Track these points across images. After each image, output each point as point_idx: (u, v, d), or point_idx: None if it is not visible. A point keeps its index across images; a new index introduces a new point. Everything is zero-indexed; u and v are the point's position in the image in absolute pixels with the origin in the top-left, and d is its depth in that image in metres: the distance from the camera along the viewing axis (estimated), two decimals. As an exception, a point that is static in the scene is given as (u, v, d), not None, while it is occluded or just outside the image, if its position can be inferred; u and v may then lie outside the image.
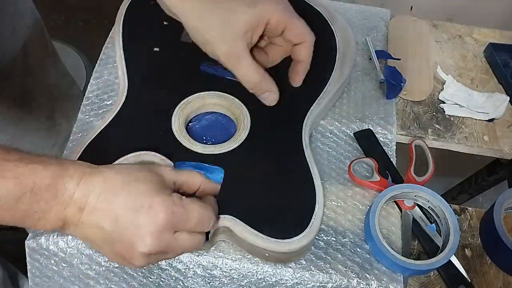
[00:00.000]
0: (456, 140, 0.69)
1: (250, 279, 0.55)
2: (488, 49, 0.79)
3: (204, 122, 0.63)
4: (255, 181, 0.56)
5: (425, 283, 0.59)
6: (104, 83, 0.69)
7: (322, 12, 0.73)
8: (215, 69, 0.65)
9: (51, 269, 0.57)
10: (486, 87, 0.76)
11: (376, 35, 0.79)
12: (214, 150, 0.57)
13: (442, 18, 0.90)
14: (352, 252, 0.56)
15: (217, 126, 0.63)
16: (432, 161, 0.64)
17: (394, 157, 0.65)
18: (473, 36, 0.83)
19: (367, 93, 0.71)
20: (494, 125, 0.71)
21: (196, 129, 0.62)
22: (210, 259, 0.55)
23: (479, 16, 1.03)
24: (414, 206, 0.60)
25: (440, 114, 0.72)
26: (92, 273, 0.57)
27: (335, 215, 0.59)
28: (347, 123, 0.67)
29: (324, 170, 0.62)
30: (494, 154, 0.70)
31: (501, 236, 0.58)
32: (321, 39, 0.70)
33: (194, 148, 0.57)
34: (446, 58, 0.80)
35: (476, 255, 0.62)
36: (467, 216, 0.65)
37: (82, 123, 0.65)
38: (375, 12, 0.83)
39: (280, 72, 0.66)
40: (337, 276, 0.54)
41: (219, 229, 0.53)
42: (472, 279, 0.59)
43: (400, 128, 0.69)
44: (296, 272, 0.55)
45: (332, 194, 0.61)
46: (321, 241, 0.57)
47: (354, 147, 0.65)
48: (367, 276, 0.55)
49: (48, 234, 0.56)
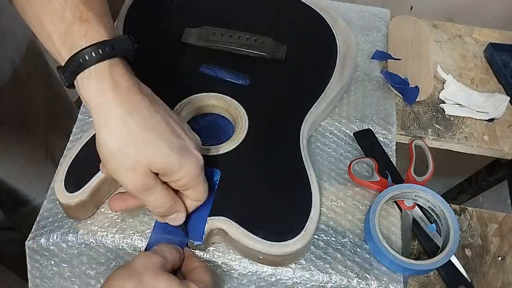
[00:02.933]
0: (456, 140, 0.69)
1: (250, 278, 0.55)
2: (488, 49, 0.79)
3: (202, 124, 0.63)
4: (251, 183, 0.56)
5: (425, 283, 0.59)
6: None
7: (323, 15, 0.73)
8: (214, 71, 0.65)
9: (51, 269, 0.57)
10: (486, 87, 0.76)
11: (376, 35, 0.79)
12: (210, 152, 0.57)
13: (442, 18, 0.90)
14: (352, 252, 0.56)
15: (215, 128, 0.63)
16: (432, 161, 0.64)
17: (394, 157, 0.65)
18: (473, 36, 0.83)
19: (367, 93, 0.71)
20: (494, 125, 0.71)
21: (194, 130, 0.62)
22: (210, 259, 0.55)
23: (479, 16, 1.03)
24: (414, 206, 0.60)
25: (440, 114, 0.72)
26: (93, 273, 0.57)
27: (335, 215, 0.59)
28: (347, 123, 0.67)
29: (324, 170, 0.62)
30: (494, 154, 0.70)
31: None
32: (321, 41, 0.71)
33: None
34: (446, 58, 0.80)
35: (476, 255, 0.62)
36: (467, 216, 0.65)
37: (82, 123, 0.65)
38: (375, 12, 0.83)
39: (280, 71, 0.67)
40: (337, 276, 0.54)
41: (213, 231, 0.53)
42: (472, 279, 0.59)
43: (400, 128, 0.69)
44: (296, 272, 0.55)
45: (332, 194, 0.61)
46: (321, 241, 0.57)
47: (354, 147, 0.65)
48: (367, 276, 0.55)
49: (48, 235, 0.56)
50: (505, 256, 0.62)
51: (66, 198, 0.53)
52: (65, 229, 0.56)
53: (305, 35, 0.71)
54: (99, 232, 0.55)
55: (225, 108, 0.62)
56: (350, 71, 0.68)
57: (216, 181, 0.55)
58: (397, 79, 0.72)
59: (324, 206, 0.59)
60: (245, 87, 0.64)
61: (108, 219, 0.56)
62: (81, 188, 0.53)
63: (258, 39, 0.69)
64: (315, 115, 0.62)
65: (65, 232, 0.56)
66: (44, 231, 0.56)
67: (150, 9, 0.73)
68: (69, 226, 0.56)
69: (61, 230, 0.56)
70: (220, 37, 0.69)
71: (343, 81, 0.66)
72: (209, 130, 0.62)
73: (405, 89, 0.71)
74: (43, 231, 0.56)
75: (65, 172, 0.55)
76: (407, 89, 0.71)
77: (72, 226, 0.56)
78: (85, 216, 0.56)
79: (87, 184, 0.54)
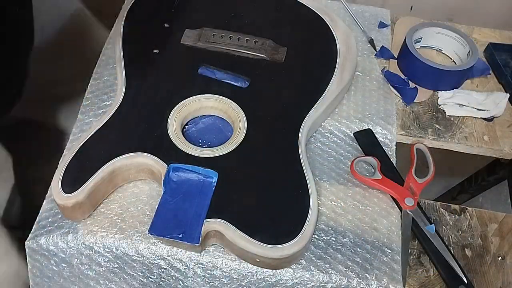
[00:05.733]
0: (456, 140, 0.69)
1: (250, 279, 0.55)
2: (488, 49, 0.79)
3: (201, 125, 0.63)
4: (249, 185, 0.56)
5: (425, 283, 0.59)
6: (104, 84, 0.69)
7: (323, 17, 0.73)
8: (213, 72, 0.65)
9: (51, 269, 0.57)
10: (486, 87, 0.76)
11: (376, 35, 0.79)
12: (209, 153, 0.57)
13: (442, 18, 0.90)
14: (352, 252, 0.56)
15: (213, 129, 0.63)
16: (433, 164, 0.64)
17: (394, 157, 0.65)
18: (473, 36, 0.83)
19: (367, 93, 0.71)
20: (494, 125, 0.71)
21: (192, 132, 0.62)
22: (210, 259, 0.55)
23: (479, 16, 1.03)
24: (414, 206, 0.60)
25: (440, 114, 0.72)
26: (92, 273, 0.57)
27: (335, 215, 0.59)
28: (347, 123, 0.67)
29: (324, 170, 0.62)
30: (494, 154, 0.70)
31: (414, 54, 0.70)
32: (321, 44, 0.70)
33: (189, 150, 0.57)
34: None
35: (476, 255, 0.62)
36: (467, 216, 0.65)
37: (82, 123, 0.65)
38: (375, 12, 0.83)
39: (279, 73, 0.66)
40: (337, 276, 0.54)
41: (210, 233, 0.53)
42: (472, 279, 0.59)
43: (400, 128, 0.69)
44: (296, 272, 0.55)
45: (332, 194, 0.61)
46: (321, 241, 0.57)
47: (354, 147, 0.65)
48: (367, 276, 0.55)
49: (48, 235, 0.56)
50: (505, 256, 0.62)
51: (62, 199, 0.53)
52: (65, 229, 0.56)
53: (305, 37, 0.71)
54: (99, 233, 0.55)
55: (224, 110, 0.62)
56: (350, 74, 0.68)
57: (214, 182, 0.55)
58: (398, 79, 0.72)
59: (324, 206, 0.59)
60: (244, 89, 0.64)
61: (108, 220, 0.56)
62: (78, 189, 0.53)
63: (257, 41, 0.69)
64: (314, 118, 0.62)
65: (65, 232, 0.56)
66: (44, 231, 0.56)
67: (150, 10, 0.73)
68: (69, 226, 0.56)
69: (61, 230, 0.56)
70: (219, 39, 0.69)
71: (342, 84, 0.66)
72: (207, 132, 0.62)
73: (404, 89, 0.71)
74: (43, 231, 0.56)
75: (62, 172, 0.55)
76: (406, 89, 0.71)
77: (72, 226, 0.56)
78: (82, 217, 0.56)
79: (84, 185, 0.53)
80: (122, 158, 0.56)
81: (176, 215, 0.53)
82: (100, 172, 0.54)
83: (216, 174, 0.55)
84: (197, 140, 0.62)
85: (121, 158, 0.56)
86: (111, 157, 0.55)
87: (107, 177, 0.55)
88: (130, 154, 0.56)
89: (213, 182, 0.55)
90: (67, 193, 0.53)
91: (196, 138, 0.62)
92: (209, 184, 0.55)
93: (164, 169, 0.55)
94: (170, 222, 0.52)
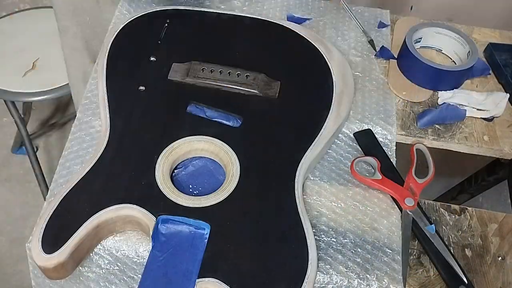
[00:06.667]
0: (456, 140, 0.69)
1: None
2: (488, 49, 0.79)
3: (191, 168, 0.59)
4: (243, 238, 0.52)
5: (425, 283, 0.59)
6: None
7: (317, 47, 0.69)
8: (203, 110, 0.61)
9: (52, 270, 0.57)
10: (486, 87, 0.76)
11: (376, 35, 0.79)
12: (200, 203, 0.54)
13: (442, 18, 0.90)
14: (353, 252, 0.56)
15: (204, 173, 0.59)
16: (433, 164, 0.64)
17: (394, 157, 0.65)
18: (473, 36, 0.83)
19: (367, 93, 0.71)
20: (494, 125, 0.71)
21: (182, 176, 0.59)
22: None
23: (479, 16, 1.03)
24: (414, 206, 0.60)
25: (440, 114, 0.72)
26: (93, 276, 0.57)
27: (335, 216, 0.59)
28: (347, 124, 0.67)
29: (324, 171, 0.62)
30: (494, 154, 0.70)
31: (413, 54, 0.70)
32: (316, 76, 0.66)
33: (179, 200, 0.53)
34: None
35: (476, 255, 0.62)
36: (467, 216, 0.65)
37: (81, 122, 0.65)
38: (375, 13, 0.83)
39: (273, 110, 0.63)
40: (337, 277, 0.54)
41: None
42: (472, 279, 0.59)
43: (400, 128, 0.69)
44: (297, 273, 0.54)
45: (332, 194, 0.61)
46: (322, 242, 0.57)
47: (354, 147, 0.65)
48: (368, 276, 0.55)
49: (49, 236, 0.55)
50: (505, 256, 0.62)
51: (43, 260, 0.49)
52: (65, 230, 0.56)
53: (299, 69, 0.68)
54: (100, 234, 0.55)
55: (215, 152, 0.59)
56: (347, 109, 0.64)
57: (206, 234, 0.52)
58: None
59: (324, 207, 0.59)
60: (236, 129, 0.61)
61: (108, 220, 0.56)
62: (60, 248, 0.50)
63: (249, 75, 0.65)
64: (311, 159, 0.59)
65: (66, 234, 0.55)
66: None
67: (134, 42, 0.68)
68: (70, 227, 0.56)
69: (61, 232, 0.56)
70: (209, 74, 0.65)
71: (340, 120, 0.63)
72: (198, 175, 0.59)
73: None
74: (43, 233, 0.56)
75: (42, 230, 0.51)
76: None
77: (73, 228, 0.56)
78: (64, 277, 0.52)
79: (67, 243, 0.50)
80: (107, 211, 0.52)
81: (166, 273, 0.50)
82: (84, 228, 0.51)
83: (208, 226, 0.52)
84: (188, 185, 0.58)
85: (106, 211, 0.52)
86: (95, 210, 0.52)
87: (91, 232, 0.51)
88: (115, 206, 0.52)
89: (205, 234, 0.52)
90: (48, 253, 0.49)
91: (186, 183, 0.58)
92: (201, 236, 0.52)
93: (152, 222, 0.52)
94: (159, 282, 0.49)
